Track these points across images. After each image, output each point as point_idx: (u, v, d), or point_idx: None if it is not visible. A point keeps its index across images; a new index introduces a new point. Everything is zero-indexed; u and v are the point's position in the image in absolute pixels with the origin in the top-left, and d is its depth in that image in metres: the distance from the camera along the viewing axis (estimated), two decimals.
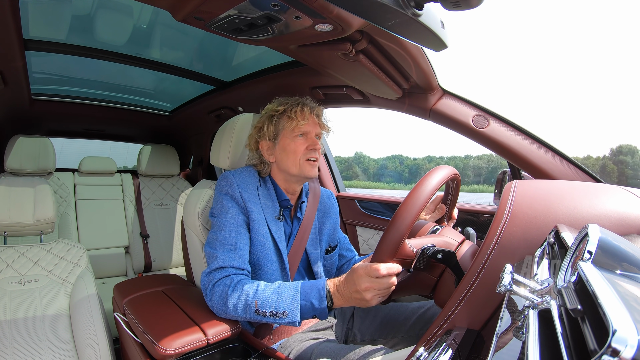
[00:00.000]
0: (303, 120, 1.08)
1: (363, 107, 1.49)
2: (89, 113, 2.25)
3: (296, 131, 1.09)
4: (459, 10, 0.60)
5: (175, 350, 0.86)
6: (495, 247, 0.63)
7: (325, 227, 1.24)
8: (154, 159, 2.59)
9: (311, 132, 1.11)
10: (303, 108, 1.10)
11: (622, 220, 0.64)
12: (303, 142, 1.09)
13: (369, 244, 1.74)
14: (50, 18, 1.28)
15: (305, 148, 1.08)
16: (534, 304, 0.41)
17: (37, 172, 2.15)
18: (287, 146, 1.09)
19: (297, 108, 1.09)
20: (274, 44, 0.96)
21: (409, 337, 1.05)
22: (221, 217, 1.04)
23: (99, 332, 1.25)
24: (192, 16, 0.77)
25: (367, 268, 0.80)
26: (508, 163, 1.20)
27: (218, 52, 1.57)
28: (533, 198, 0.69)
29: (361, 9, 0.62)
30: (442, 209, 1.08)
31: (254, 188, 1.10)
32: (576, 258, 0.41)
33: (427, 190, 0.78)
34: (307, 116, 1.09)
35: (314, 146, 1.09)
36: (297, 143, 1.08)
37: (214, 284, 0.96)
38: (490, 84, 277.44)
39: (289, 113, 1.09)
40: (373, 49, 0.95)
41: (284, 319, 0.87)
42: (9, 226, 1.39)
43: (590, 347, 0.28)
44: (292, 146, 1.08)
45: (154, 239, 2.47)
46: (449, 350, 0.55)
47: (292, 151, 1.08)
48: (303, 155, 1.08)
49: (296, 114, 1.09)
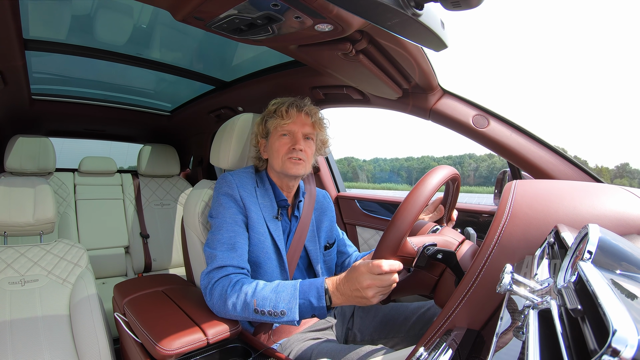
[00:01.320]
0: (288, 119, 1.10)
1: (363, 107, 1.49)
2: (89, 113, 2.25)
3: (280, 130, 1.11)
4: (459, 10, 0.60)
5: (175, 350, 0.86)
6: (495, 247, 0.63)
7: (322, 225, 1.25)
8: (154, 159, 2.59)
9: (297, 132, 1.11)
10: (289, 108, 1.12)
11: (622, 220, 0.64)
12: (287, 141, 1.11)
13: (369, 244, 1.74)
14: (50, 18, 1.28)
15: (288, 147, 1.10)
16: (534, 304, 0.41)
17: (37, 172, 2.14)
18: (272, 145, 1.13)
19: (284, 107, 1.12)
20: (274, 44, 0.96)
21: (409, 337, 1.05)
22: (220, 217, 1.05)
23: (99, 332, 1.25)
24: (192, 16, 0.77)
25: (369, 265, 0.80)
26: (508, 163, 1.20)
27: (218, 52, 1.57)
28: (533, 198, 0.69)
29: (361, 8, 0.62)
30: (441, 211, 1.08)
31: (252, 188, 1.11)
32: (576, 258, 0.41)
33: (428, 188, 0.79)
34: (293, 115, 1.11)
35: (295, 145, 1.10)
36: (281, 142, 1.11)
37: (214, 283, 0.96)
38: (491, 84, 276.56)
39: (277, 112, 1.13)
40: (373, 48, 0.95)
41: (282, 318, 0.87)
42: (9, 226, 1.39)
43: (590, 347, 0.28)
44: (276, 145, 1.11)
45: (154, 239, 2.47)
46: (449, 350, 0.55)
47: (275, 150, 1.12)
48: (285, 154, 1.10)
49: (282, 113, 1.11)
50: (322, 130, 1.18)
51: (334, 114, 8.16)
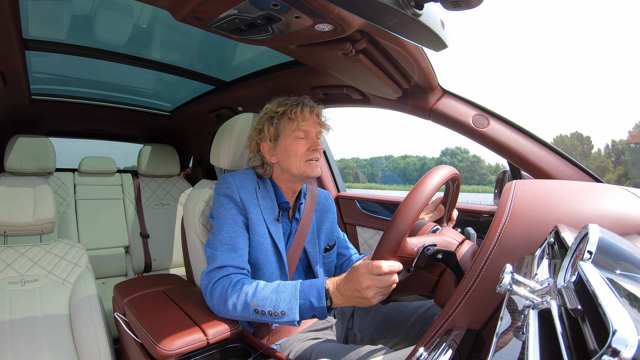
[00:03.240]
0: (304, 121, 1.08)
1: (363, 107, 1.49)
2: (89, 113, 2.25)
3: (297, 132, 1.09)
4: (459, 10, 0.60)
5: (175, 350, 0.86)
6: (495, 247, 0.63)
7: (323, 226, 1.24)
8: (154, 159, 2.59)
9: (312, 132, 1.11)
10: (303, 108, 1.09)
11: (622, 220, 0.64)
12: (304, 143, 1.09)
13: (369, 244, 1.74)
14: (50, 18, 1.28)
15: (307, 149, 1.09)
16: (534, 304, 0.41)
17: (37, 172, 2.14)
18: (288, 147, 1.09)
19: (297, 109, 1.09)
20: (274, 44, 0.96)
21: (409, 337, 1.05)
22: (220, 218, 1.04)
23: (99, 332, 1.25)
24: (192, 16, 0.77)
25: (369, 266, 0.80)
26: (508, 163, 1.20)
27: (218, 52, 1.57)
28: (533, 198, 0.69)
29: (361, 8, 0.62)
30: (441, 210, 1.08)
31: (252, 190, 1.10)
32: (576, 258, 0.41)
33: (428, 188, 0.79)
34: (307, 116, 1.09)
35: (316, 147, 1.09)
36: (298, 144, 1.09)
37: (214, 283, 0.96)
38: (491, 83, 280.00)
39: (289, 114, 1.09)
40: (373, 48, 0.95)
41: (282, 318, 0.87)
42: (9, 226, 1.39)
43: (590, 347, 0.28)
44: (294, 147, 1.08)
45: (154, 239, 2.47)
46: (449, 350, 0.55)
47: (293, 152, 1.08)
48: (304, 156, 1.08)
49: (296, 114, 1.09)
50: (327, 130, 1.18)
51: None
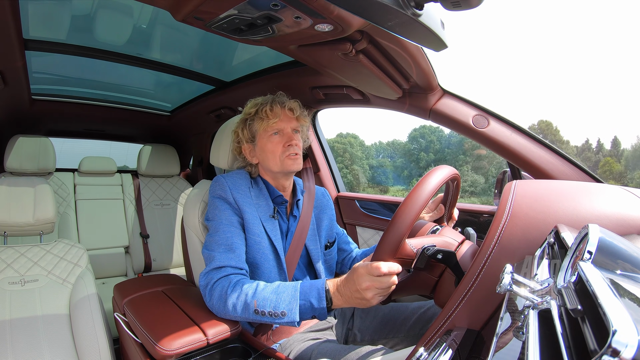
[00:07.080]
0: (275, 118, 1.09)
1: (363, 107, 1.49)
2: (89, 113, 2.25)
3: (269, 130, 1.10)
4: (459, 10, 0.60)
5: (175, 350, 0.86)
6: (495, 247, 0.63)
7: (322, 223, 1.25)
8: (154, 159, 2.59)
9: (286, 128, 1.11)
10: (273, 106, 1.11)
11: (622, 220, 0.64)
12: (279, 139, 1.10)
13: (369, 244, 1.74)
14: (50, 18, 1.28)
15: (283, 145, 1.09)
16: (534, 304, 0.41)
17: (37, 172, 2.14)
18: (264, 146, 1.11)
19: (267, 107, 1.10)
20: (274, 44, 0.96)
21: (409, 337, 1.05)
22: (216, 220, 1.05)
23: (99, 332, 1.25)
24: (192, 16, 0.77)
25: (368, 267, 0.80)
26: (508, 163, 1.20)
27: (218, 52, 1.57)
28: (533, 198, 0.69)
29: (361, 9, 0.62)
30: (441, 210, 1.08)
31: (246, 189, 1.11)
32: (576, 258, 0.41)
33: (427, 189, 0.78)
34: (279, 113, 1.10)
35: (291, 142, 1.09)
36: (273, 142, 1.10)
37: (213, 284, 0.96)
38: (491, 83, 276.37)
39: (260, 114, 1.11)
40: (373, 49, 0.95)
41: (282, 319, 0.87)
42: (9, 226, 1.39)
43: (590, 347, 0.28)
44: (269, 146, 1.10)
45: (154, 239, 2.47)
46: (449, 350, 0.55)
47: (270, 151, 1.10)
48: (282, 152, 1.09)
49: (266, 113, 1.10)
50: (306, 123, 1.18)
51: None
